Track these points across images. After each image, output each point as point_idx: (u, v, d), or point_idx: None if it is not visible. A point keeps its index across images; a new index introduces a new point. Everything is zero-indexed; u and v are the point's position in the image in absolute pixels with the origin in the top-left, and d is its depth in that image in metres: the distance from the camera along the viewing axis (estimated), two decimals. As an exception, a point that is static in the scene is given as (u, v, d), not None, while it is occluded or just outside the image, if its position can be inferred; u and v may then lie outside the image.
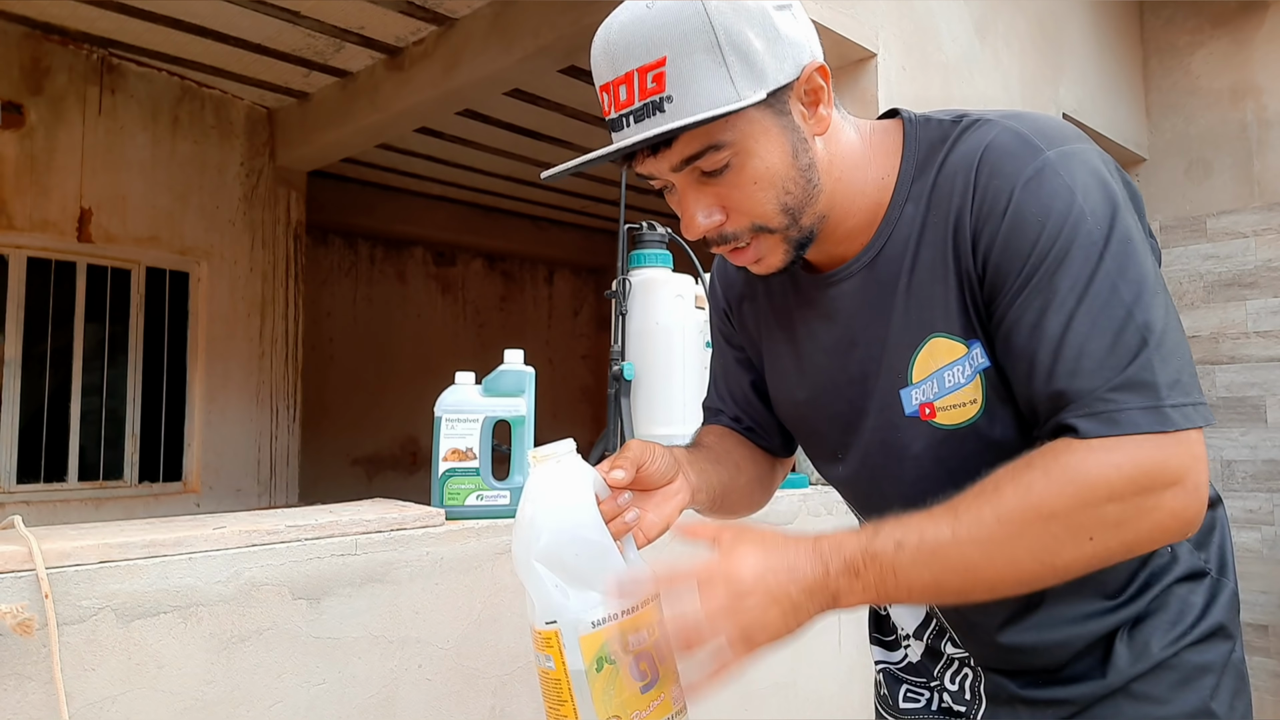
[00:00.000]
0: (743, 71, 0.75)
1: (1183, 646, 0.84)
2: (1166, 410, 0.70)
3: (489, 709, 1.39)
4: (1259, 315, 3.71)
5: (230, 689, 1.13)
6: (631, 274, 1.83)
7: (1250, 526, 3.69)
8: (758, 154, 0.78)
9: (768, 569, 0.74)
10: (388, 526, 1.30)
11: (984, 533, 0.71)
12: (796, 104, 0.80)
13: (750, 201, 0.80)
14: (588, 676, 0.74)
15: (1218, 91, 3.87)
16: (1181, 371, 0.72)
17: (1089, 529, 0.70)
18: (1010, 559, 0.72)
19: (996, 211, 0.77)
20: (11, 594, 0.97)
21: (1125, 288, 0.73)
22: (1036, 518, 0.70)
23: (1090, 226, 0.74)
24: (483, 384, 1.47)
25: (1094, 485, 0.70)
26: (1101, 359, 0.72)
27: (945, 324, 0.82)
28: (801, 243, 0.84)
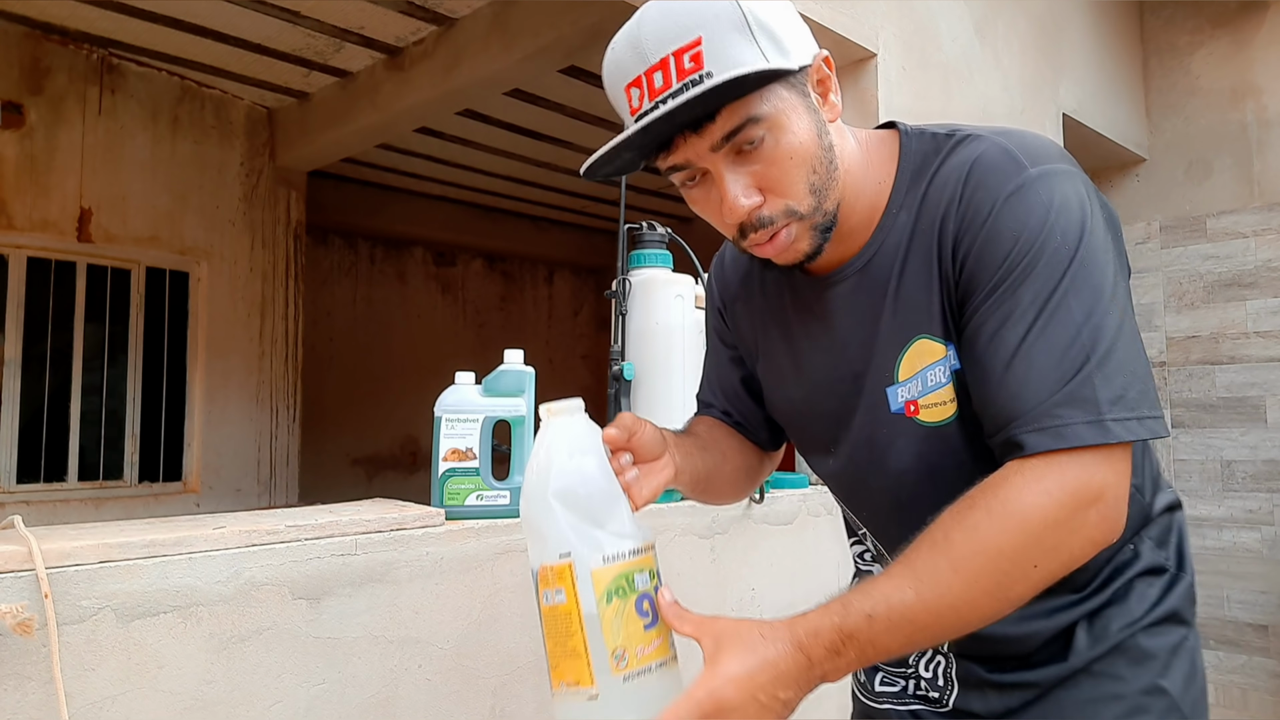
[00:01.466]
0: (771, 48, 0.80)
1: (1138, 629, 0.89)
2: (1108, 424, 0.75)
3: (489, 709, 1.39)
4: (1259, 315, 3.71)
5: (230, 689, 1.13)
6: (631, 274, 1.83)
7: (1250, 526, 3.69)
8: (790, 129, 0.81)
9: (753, 681, 0.76)
10: (388, 526, 1.30)
11: (943, 586, 0.75)
12: (811, 90, 0.84)
13: (785, 179, 0.83)
14: (599, 607, 0.77)
15: (1218, 91, 3.87)
16: (1127, 388, 0.77)
17: (1033, 559, 0.75)
18: (971, 604, 0.76)
19: (977, 222, 0.81)
20: (11, 594, 0.97)
21: (1078, 306, 0.77)
22: (987, 560, 0.75)
23: (1058, 244, 0.78)
24: (483, 384, 1.47)
25: (1031, 519, 0.74)
26: (1047, 374, 0.77)
27: (929, 326, 0.86)
28: (825, 229, 0.87)
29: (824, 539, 2.09)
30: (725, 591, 1.81)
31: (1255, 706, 3.64)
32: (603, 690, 0.77)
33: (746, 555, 1.86)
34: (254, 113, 5.46)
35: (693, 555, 1.74)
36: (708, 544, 1.78)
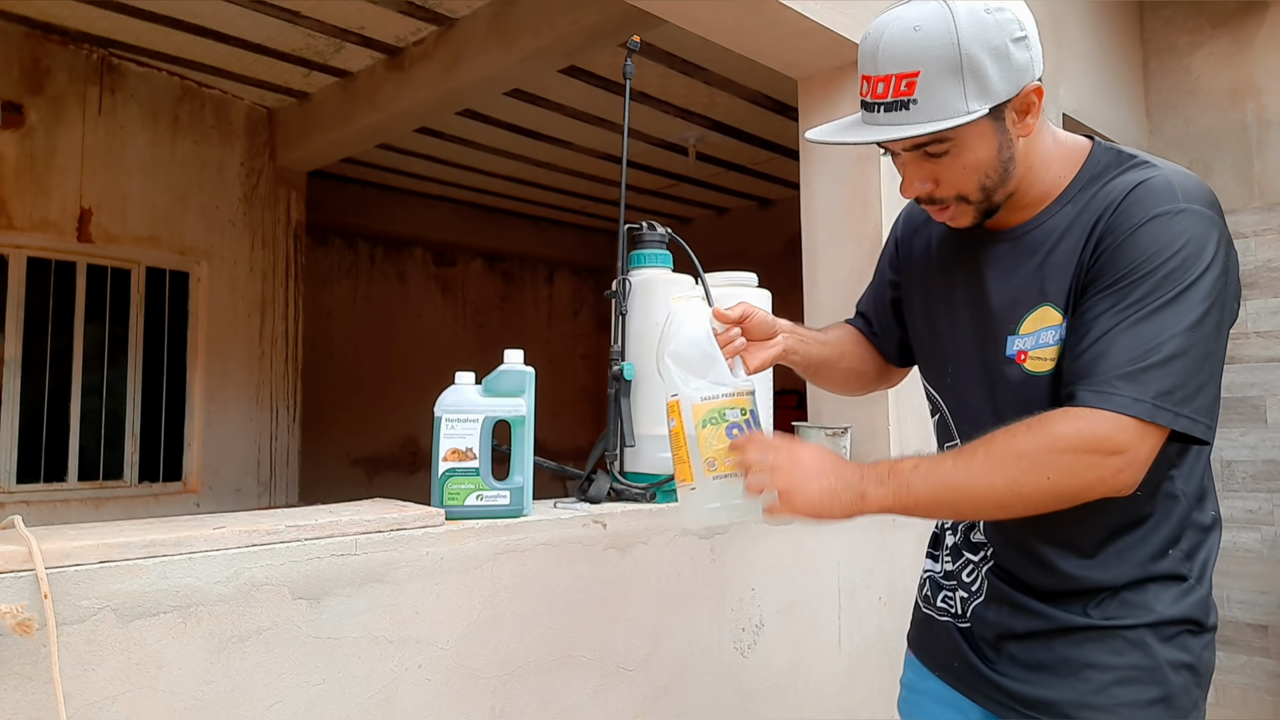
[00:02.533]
0: (975, 90, 1.00)
1: (1145, 623, 1.06)
2: (1149, 405, 0.94)
3: (489, 709, 1.39)
4: (1259, 315, 3.71)
5: (230, 689, 1.13)
6: (631, 274, 1.83)
7: (1250, 526, 3.69)
8: (971, 149, 1.04)
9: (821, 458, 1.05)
10: (388, 526, 1.30)
11: (974, 464, 0.98)
12: (1011, 113, 1.04)
13: (958, 180, 1.07)
14: (696, 430, 1.12)
15: (1218, 91, 3.87)
16: (1177, 388, 0.95)
17: (1047, 470, 0.96)
18: (989, 485, 0.98)
19: (1124, 228, 1.00)
20: (11, 594, 0.97)
21: (1171, 322, 0.95)
22: (1011, 455, 0.97)
23: (1176, 267, 0.96)
24: (483, 384, 1.47)
25: (1057, 439, 0.95)
26: (1119, 356, 0.96)
27: (1056, 297, 1.07)
28: (989, 212, 1.10)
29: (823, 539, 2.09)
30: (725, 591, 1.81)
31: (1255, 706, 3.64)
32: (699, 485, 1.12)
33: (746, 555, 1.86)
34: (254, 113, 5.46)
35: (693, 555, 1.74)
36: (708, 544, 1.78)
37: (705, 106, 5.39)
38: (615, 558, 1.60)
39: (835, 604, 2.11)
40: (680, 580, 1.72)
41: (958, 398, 1.22)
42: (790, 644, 1.96)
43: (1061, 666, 1.08)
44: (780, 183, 7.02)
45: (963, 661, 1.21)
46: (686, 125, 5.70)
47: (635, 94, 5.08)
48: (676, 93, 5.15)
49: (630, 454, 1.77)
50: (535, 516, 1.50)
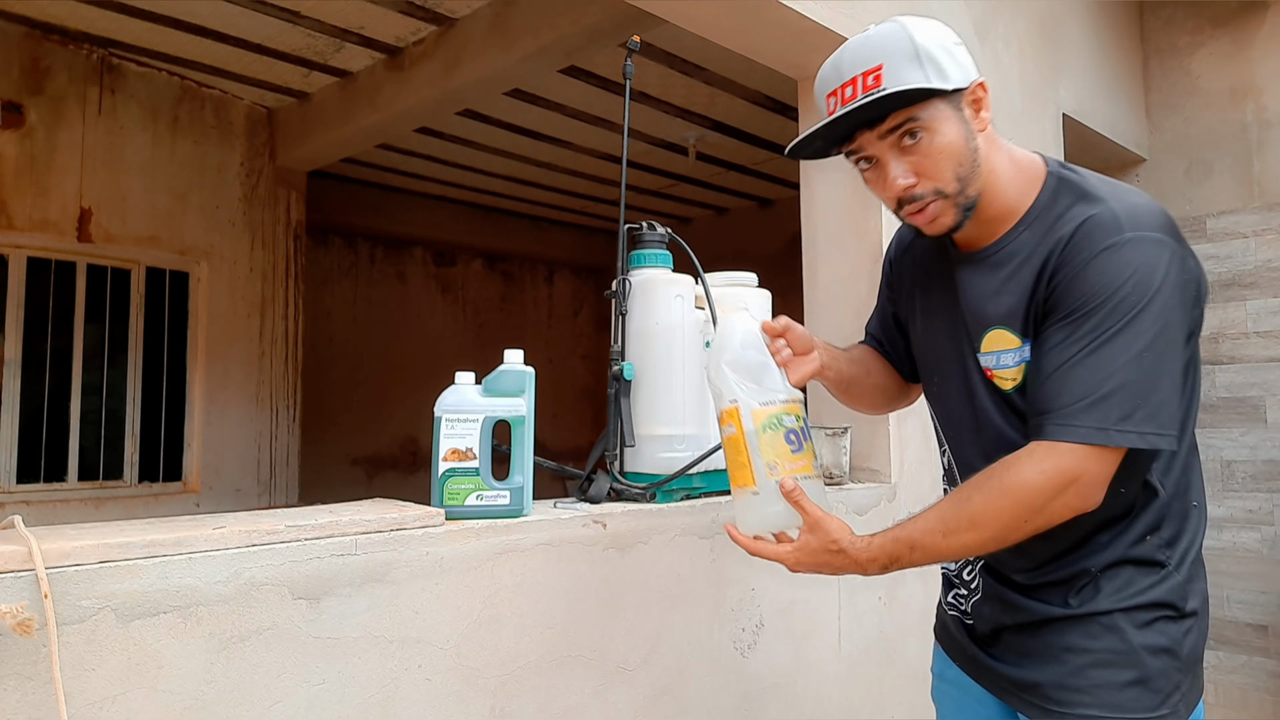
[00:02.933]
0: (934, 73, 1.10)
1: (1119, 608, 1.14)
2: (1110, 431, 1.03)
3: (489, 709, 1.39)
4: (1259, 315, 3.71)
5: (230, 689, 1.13)
6: (631, 274, 1.83)
7: (1250, 526, 3.69)
8: (942, 132, 1.11)
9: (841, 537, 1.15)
10: (388, 526, 1.30)
11: (963, 534, 1.09)
12: (966, 107, 1.14)
13: (935, 168, 1.12)
14: (757, 436, 1.17)
15: (1218, 92, 3.87)
16: (1138, 410, 1.03)
17: (1024, 518, 1.07)
18: (980, 545, 1.11)
19: (1076, 263, 1.07)
20: (11, 594, 0.97)
21: (1124, 348, 1.03)
22: (993, 519, 1.08)
23: (1126, 294, 1.04)
24: (483, 384, 1.47)
25: (1027, 492, 1.06)
26: (1079, 387, 1.05)
27: (1009, 322, 1.16)
28: (967, 208, 1.15)
29: (824, 539, 2.09)
30: (725, 591, 1.81)
31: (1255, 706, 3.64)
32: (761, 488, 1.17)
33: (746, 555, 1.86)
34: (254, 113, 5.46)
35: (693, 555, 1.74)
36: (708, 544, 1.78)
37: (705, 106, 5.39)
38: (615, 558, 1.60)
39: (835, 604, 2.11)
40: (680, 580, 1.72)
41: (943, 405, 1.33)
42: (790, 644, 1.96)
43: (1045, 652, 1.18)
44: (780, 183, 7.02)
45: (971, 651, 1.32)
46: (686, 125, 5.70)
47: (635, 94, 5.08)
48: (676, 93, 5.15)
49: (630, 454, 1.77)
50: (535, 516, 1.50)
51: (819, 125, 1.13)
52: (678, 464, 1.74)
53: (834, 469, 2.26)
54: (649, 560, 1.66)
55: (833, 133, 1.14)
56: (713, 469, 1.84)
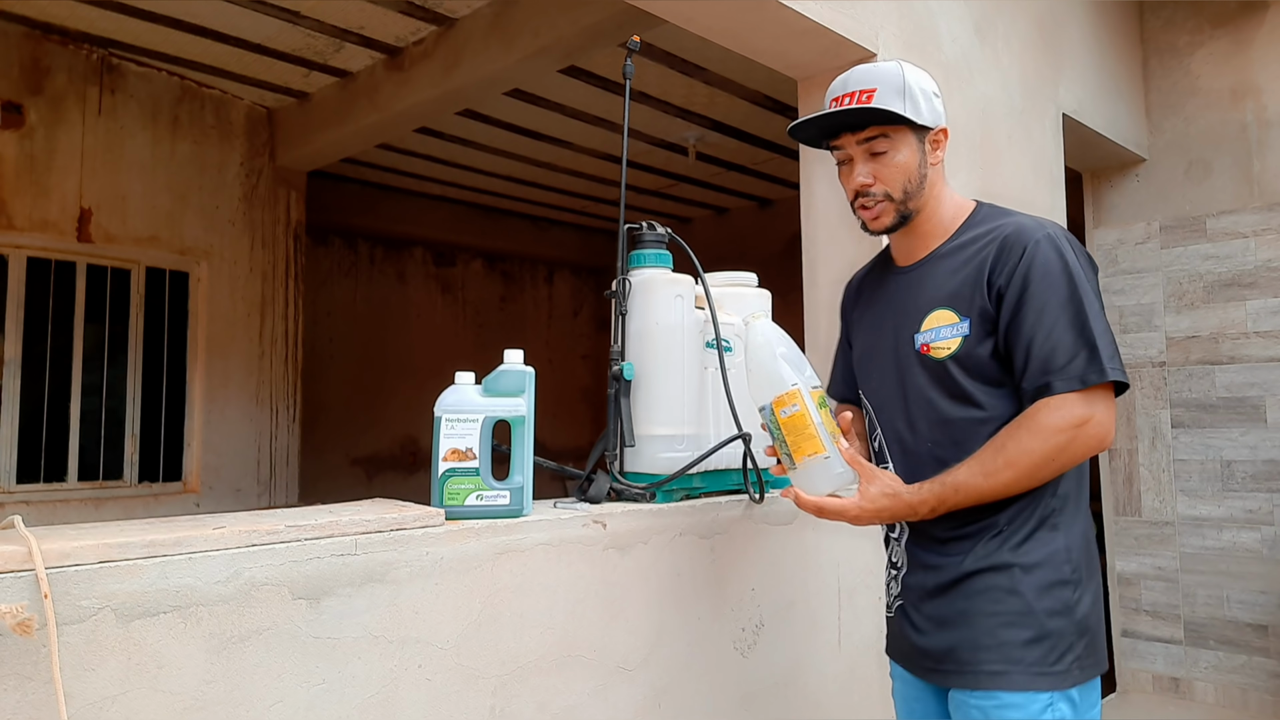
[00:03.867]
0: (911, 108, 1.44)
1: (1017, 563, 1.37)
2: (1105, 369, 1.31)
3: (489, 709, 1.39)
4: (1259, 315, 3.71)
5: (230, 689, 1.13)
6: (631, 274, 1.83)
7: (1250, 526, 3.69)
8: (902, 152, 1.46)
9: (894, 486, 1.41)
10: (387, 526, 1.30)
11: (1001, 474, 1.33)
12: (928, 143, 1.48)
13: (890, 177, 1.47)
14: (818, 411, 1.42)
15: (1218, 91, 3.87)
16: (1115, 353, 1.33)
17: (1051, 455, 1.32)
18: (1016, 483, 1.34)
19: (1015, 257, 1.38)
20: (11, 594, 0.97)
21: (1075, 309, 1.34)
22: (1027, 458, 1.32)
23: (1061, 274, 1.36)
24: (483, 384, 1.47)
25: (1053, 433, 1.31)
26: (1068, 346, 1.33)
27: (952, 303, 1.44)
28: (904, 215, 1.48)
29: (823, 539, 2.09)
30: (725, 591, 1.81)
31: (1255, 706, 3.64)
32: (830, 453, 1.41)
33: (746, 555, 1.87)
34: (254, 113, 5.46)
35: (693, 555, 1.74)
36: (708, 544, 1.78)
37: (705, 106, 5.39)
38: (615, 558, 1.60)
39: (835, 604, 2.11)
40: (680, 580, 1.72)
41: (876, 393, 1.57)
42: (790, 644, 1.96)
43: (959, 619, 1.40)
44: (780, 183, 7.02)
45: (906, 641, 1.52)
46: (686, 125, 5.70)
47: (635, 94, 5.08)
48: (676, 93, 5.15)
49: (630, 454, 1.77)
50: (535, 516, 1.50)
51: (817, 114, 1.50)
52: (678, 464, 1.74)
53: (834, 469, 2.26)
54: (649, 560, 1.66)
55: (825, 125, 1.51)
56: (712, 469, 1.83)
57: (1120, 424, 4.05)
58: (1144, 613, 3.96)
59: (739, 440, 1.78)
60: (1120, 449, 4.06)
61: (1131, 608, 3.99)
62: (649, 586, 1.66)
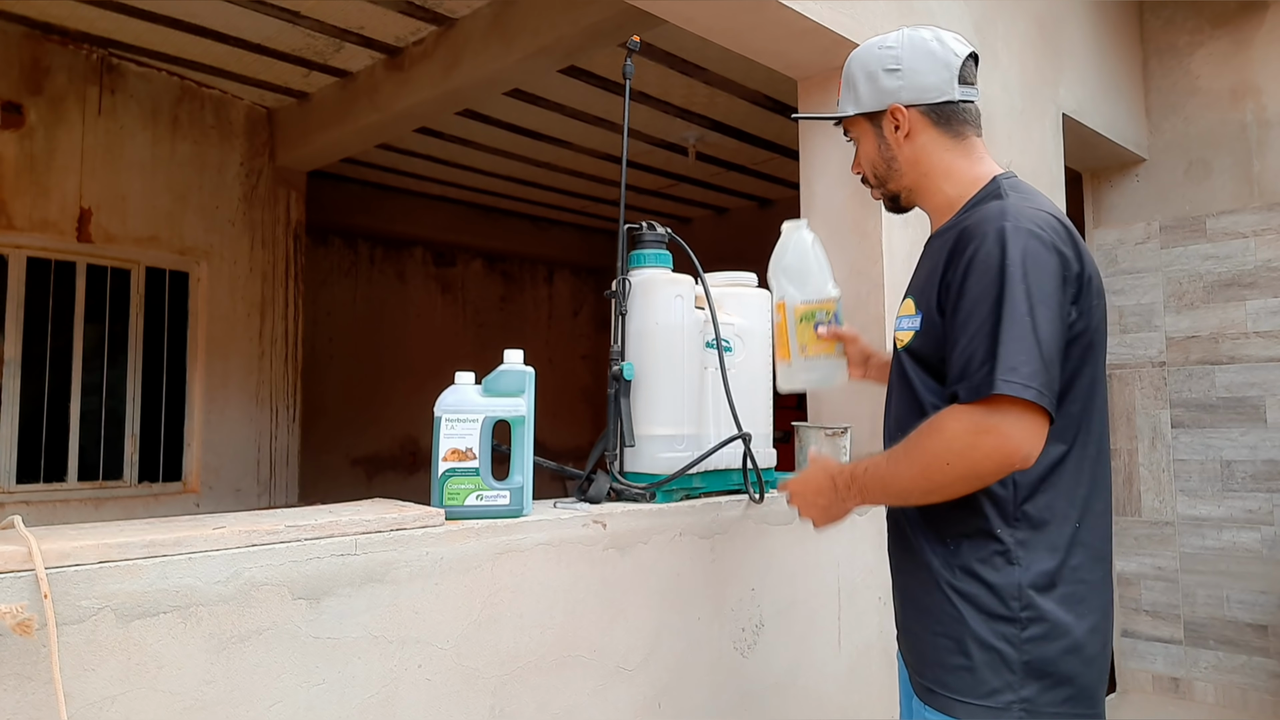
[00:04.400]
0: (850, 99, 1.50)
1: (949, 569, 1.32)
2: (995, 381, 1.17)
3: (489, 709, 1.39)
4: (1259, 315, 3.71)
5: (230, 689, 1.13)
6: (631, 274, 1.83)
7: (1250, 526, 3.69)
8: (862, 141, 1.51)
9: (819, 478, 1.45)
10: (387, 526, 1.30)
11: (899, 465, 1.30)
12: (887, 124, 1.45)
13: (863, 165, 1.53)
14: (795, 325, 1.63)
15: (1217, 91, 3.87)
16: (1021, 365, 1.17)
17: (946, 458, 1.22)
18: (911, 477, 1.28)
19: (961, 253, 1.29)
20: (11, 594, 0.97)
21: (995, 316, 1.20)
22: (922, 454, 1.26)
23: (995, 274, 1.23)
24: (483, 384, 1.47)
25: (947, 434, 1.22)
26: (980, 355, 1.21)
27: (916, 294, 1.41)
28: (891, 197, 1.52)
29: (823, 539, 2.09)
30: (725, 591, 1.81)
31: (1255, 706, 3.64)
32: (794, 361, 1.64)
33: (746, 555, 1.86)
34: (254, 113, 5.46)
35: (693, 555, 1.74)
36: (708, 544, 1.78)
37: (705, 106, 5.39)
38: (615, 558, 1.60)
39: (835, 604, 2.11)
40: (680, 580, 1.72)
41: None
42: (790, 644, 1.96)
43: (915, 626, 1.37)
44: (780, 183, 7.02)
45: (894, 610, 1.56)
46: (686, 125, 5.70)
47: (635, 94, 5.08)
48: (676, 93, 5.15)
49: (630, 454, 1.77)
50: (535, 516, 1.50)
51: (818, 115, 1.71)
52: (678, 464, 1.74)
53: (834, 469, 2.26)
54: (649, 560, 1.66)
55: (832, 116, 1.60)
56: (713, 469, 1.84)
57: (1120, 424, 4.05)
58: (1144, 613, 3.96)
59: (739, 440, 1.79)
60: (1120, 449, 4.06)
61: (1131, 608, 3.99)
62: (649, 586, 1.66)
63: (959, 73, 1.40)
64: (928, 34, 1.42)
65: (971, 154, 1.42)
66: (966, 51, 1.41)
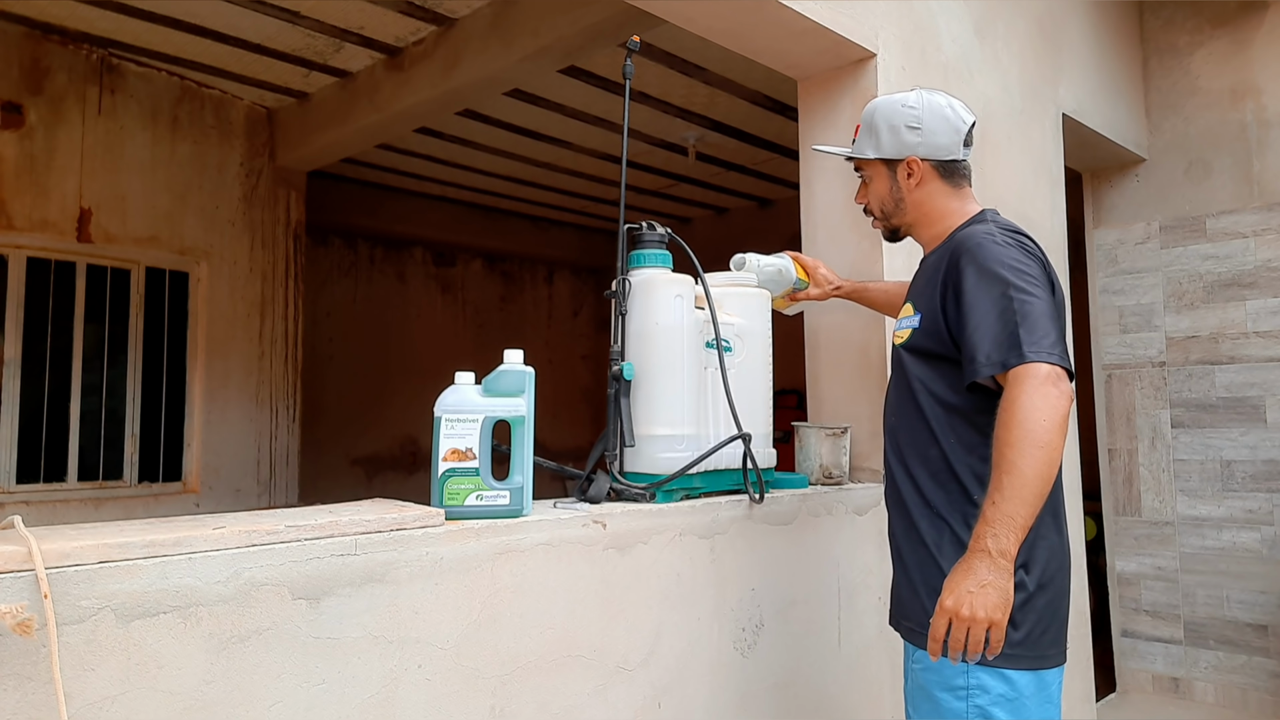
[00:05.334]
0: (871, 144, 1.75)
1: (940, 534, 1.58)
2: (1026, 354, 1.39)
3: (489, 709, 1.39)
4: (1259, 315, 3.71)
5: (230, 689, 1.13)
6: (631, 274, 1.83)
7: (1250, 526, 3.69)
8: (874, 180, 1.78)
9: (959, 586, 1.36)
10: (387, 526, 1.30)
11: (1019, 462, 1.34)
12: (901, 171, 1.72)
13: (871, 201, 1.80)
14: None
15: (1217, 91, 3.87)
16: (1044, 338, 1.41)
17: (1040, 416, 1.35)
18: (1032, 459, 1.34)
19: (955, 260, 1.56)
20: (11, 594, 0.97)
21: (1004, 304, 1.44)
22: (1024, 434, 1.35)
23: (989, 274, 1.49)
24: (483, 384, 1.47)
25: (1030, 403, 1.36)
26: (999, 332, 1.44)
27: (915, 300, 1.67)
28: (892, 230, 1.80)
29: (823, 539, 2.09)
30: (725, 591, 1.81)
31: (1255, 706, 3.64)
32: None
33: (746, 555, 1.87)
34: (254, 113, 5.46)
35: (693, 555, 1.74)
36: (708, 544, 1.78)
37: (705, 106, 5.39)
38: (615, 558, 1.60)
39: (835, 604, 2.11)
40: (680, 580, 1.72)
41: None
42: (790, 644, 1.96)
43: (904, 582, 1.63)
44: (780, 183, 7.02)
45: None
46: (686, 125, 5.69)
47: (635, 94, 5.08)
48: (676, 93, 5.15)
49: (630, 454, 1.77)
50: (535, 516, 1.50)
51: (837, 150, 1.87)
52: (678, 464, 1.74)
53: (834, 469, 2.26)
54: (649, 560, 1.66)
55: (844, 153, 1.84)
56: (713, 469, 1.84)
57: (1120, 424, 4.05)
58: (1144, 613, 3.96)
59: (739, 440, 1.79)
60: (1120, 449, 4.06)
61: (1131, 608, 3.99)
62: (649, 586, 1.66)
63: (965, 137, 1.70)
64: (943, 100, 1.71)
65: (965, 200, 1.71)
66: (972, 120, 1.72)
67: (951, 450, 1.55)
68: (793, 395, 5.66)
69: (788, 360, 2.62)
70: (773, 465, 2.00)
